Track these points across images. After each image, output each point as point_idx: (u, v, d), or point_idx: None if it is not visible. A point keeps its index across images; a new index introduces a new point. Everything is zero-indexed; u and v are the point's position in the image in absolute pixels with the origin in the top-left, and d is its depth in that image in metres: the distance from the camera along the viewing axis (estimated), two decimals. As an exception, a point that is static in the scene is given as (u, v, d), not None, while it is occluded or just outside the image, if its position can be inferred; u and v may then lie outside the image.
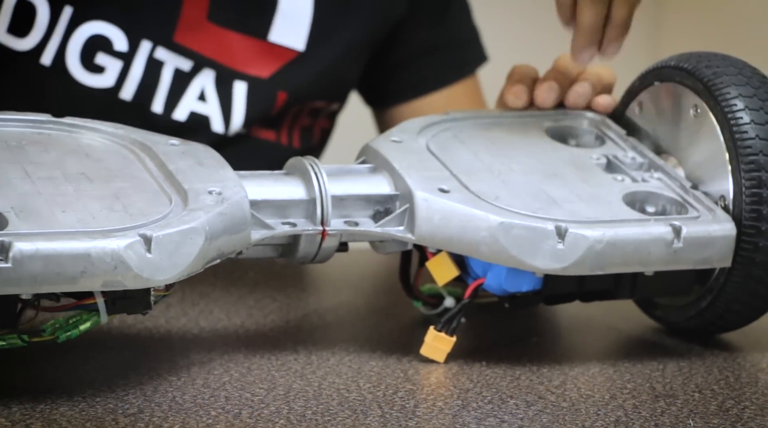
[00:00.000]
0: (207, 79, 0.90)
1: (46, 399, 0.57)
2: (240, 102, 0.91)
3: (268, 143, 0.94)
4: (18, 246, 0.55)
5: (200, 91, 0.90)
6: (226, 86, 0.91)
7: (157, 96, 0.89)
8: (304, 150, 0.97)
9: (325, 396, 0.59)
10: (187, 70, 0.89)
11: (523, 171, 0.67)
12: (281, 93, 0.92)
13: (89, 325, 0.60)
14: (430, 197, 0.63)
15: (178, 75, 0.89)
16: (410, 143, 0.68)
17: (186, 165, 0.63)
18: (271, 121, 0.93)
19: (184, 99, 0.90)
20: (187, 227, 0.59)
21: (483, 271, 0.65)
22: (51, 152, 0.63)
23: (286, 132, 0.94)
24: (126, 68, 0.88)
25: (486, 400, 0.59)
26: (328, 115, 0.98)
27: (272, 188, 0.64)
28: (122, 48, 0.88)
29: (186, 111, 0.90)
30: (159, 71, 0.89)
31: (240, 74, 0.91)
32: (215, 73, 0.90)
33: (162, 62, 0.88)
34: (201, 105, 0.91)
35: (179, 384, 0.60)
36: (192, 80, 0.90)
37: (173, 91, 0.90)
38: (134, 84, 0.88)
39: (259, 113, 0.92)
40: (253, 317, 0.72)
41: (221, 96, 0.91)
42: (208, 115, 0.90)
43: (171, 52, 0.89)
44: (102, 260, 0.56)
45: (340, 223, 0.64)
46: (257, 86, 0.91)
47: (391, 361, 0.64)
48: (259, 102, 0.92)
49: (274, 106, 0.92)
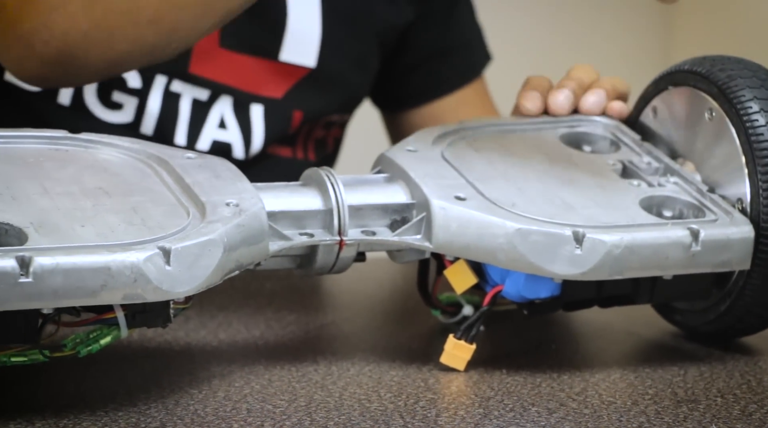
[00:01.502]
0: (225, 105, 0.92)
1: (69, 414, 0.58)
2: (258, 125, 0.92)
3: (285, 159, 0.95)
4: (38, 261, 0.56)
5: (220, 118, 0.92)
6: (243, 111, 0.92)
7: (179, 128, 0.91)
8: (319, 161, 0.98)
9: (347, 406, 0.60)
10: (205, 100, 0.91)
11: (538, 178, 0.68)
12: (296, 112, 0.93)
13: (110, 339, 0.61)
14: (447, 205, 0.64)
15: (196, 105, 0.91)
16: (425, 152, 0.69)
17: (203, 178, 0.64)
18: (287, 138, 0.95)
19: (205, 128, 0.91)
20: (205, 239, 0.60)
21: (501, 278, 0.66)
22: (68, 167, 0.64)
23: (302, 147, 0.96)
24: (142, 104, 0.90)
25: (507, 408, 0.60)
26: (340, 125, 0.99)
27: (289, 199, 0.65)
28: (136, 85, 0.90)
29: (208, 140, 0.91)
30: (177, 104, 0.90)
31: (255, 97, 0.92)
32: (232, 98, 0.91)
33: (179, 94, 0.90)
34: (222, 133, 0.92)
35: (200, 397, 0.61)
36: (211, 109, 0.91)
37: (194, 121, 0.91)
38: (153, 119, 0.90)
39: (277, 134, 0.93)
40: (272, 328, 0.73)
41: (240, 121, 0.92)
42: (230, 142, 0.92)
43: (187, 84, 0.90)
44: (122, 273, 0.57)
45: (357, 233, 0.65)
46: (273, 107, 0.93)
47: (412, 370, 0.65)
48: (276, 123, 0.93)
49: (290, 125, 0.93)
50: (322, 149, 0.98)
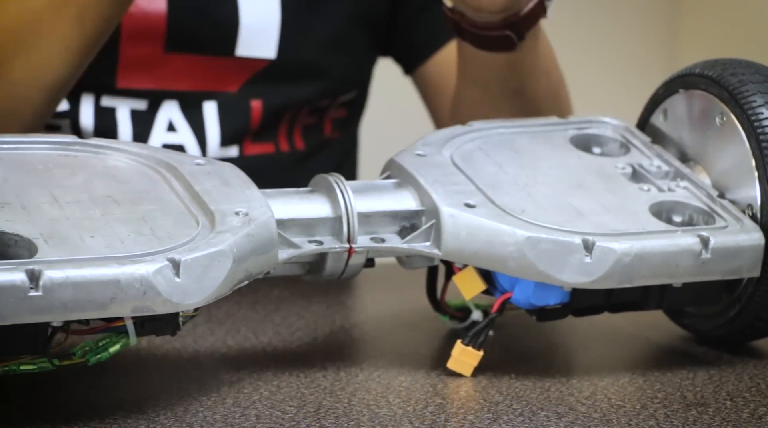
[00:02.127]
0: (171, 109, 0.91)
1: (78, 422, 0.59)
2: (213, 122, 0.92)
3: (267, 156, 0.94)
4: (48, 274, 0.57)
5: (168, 122, 0.92)
6: (194, 111, 0.92)
7: (122, 139, 0.90)
8: (311, 149, 0.96)
9: (356, 412, 0.61)
10: (144, 109, 0.91)
11: (548, 182, 0.69)
12: (254, 102, 0.92)
13: (119, 347, 0.62)
14: (456, 213, 0.65)
15: (136, 115, 0.91)
16: (435, 157, 0.69)
17: (212, 185, 0.65)
18: (264, 133, 0.94)
19: (152, 134, 0.91)
20: (214, 250, 0.61)
21: (510, 285, 0.66)
22: (78, 174, 0.65)
23: (285, 138, 0.95)
24: (75, 124, 0.91)
25: (516, 413, 0.61)
26: (338, 106, 0.98)
27: (298, 206, 0.66)
28: (63, 108, 0.91)
29: (157, 145, 0.90)
30: (113, 117, 0.91)
31: (208, 94, 0.92)
32: (178, 102, 0.91)
33: (113, 108, 0.90)
34: (172, 136, 0.92)
35: (209, 403, 0.62)
36: (156, 115, 0.91)
37: (137, 130, 0.91)
38: (90, 135, 0.90)
39: (236, 128, 0.93)
40: (280, 335, 0.74)
41: (191, 121, 0.92)
42: (181, 143, 0.92)
43: (117, 98, 0.90)
44: (131, 286, 0.58)
45: (366, 240, 0.66)
46: (228, 102, 0.92)
47: (420, 376, 0.66)
48: (232, 116, 0.92)
49: (250, 116, 0.93)
50: (314, 136, 0.96)
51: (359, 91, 0.99)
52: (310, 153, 0.97)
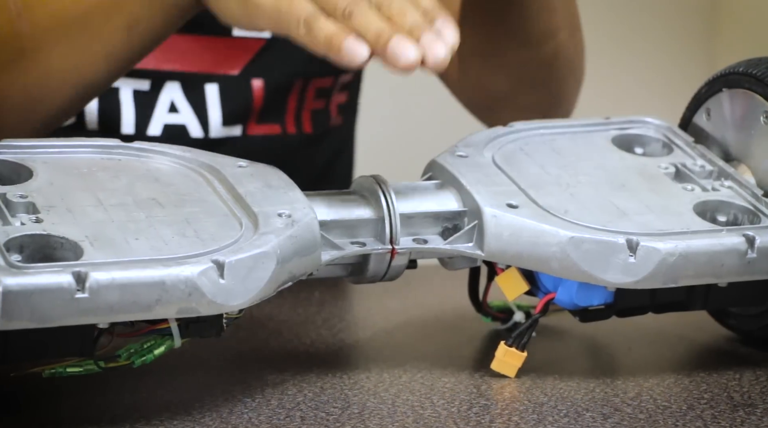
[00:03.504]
0: (173, 90, 0.93)
1: (125, 424, 0.61)
2: (214, 103, 0.93)
3: (273, 137, 0.95)
4: (94, 276, 0.59)
5: (170, 103, 0.93)
6: (197, 92, 0.93)
7: (124, 119, 0.93)
8: (319, 133, 0.98)
9: (400, 413, 0.63)
10: (147, 90, 0.93)
11: (591, 183, 0.70)
12: (256, 81, 0.94)
13: (163, 349, 0.64)
14: (499, 213, 0.67)
15: (139, 95, 0.93)
16: (476, 158, 0.71)
17: (255, 188, 0.66)
18: (270, 113, 0.95)
19: (154, 115, 0.93)
20: (259, 251, 0.62)
21: (553, 285, 0.68)
22: (121, 177, 0.67)
23: (293, 120, 0.96)
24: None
25: (562, 414, 0.62)
26: (340, 88, 0.99)
27: (340, 208, 0.68)
28: None
29: (159, 125, 0.93)
30: (117, 97, 0.93)
31: (209, 76, 0.94)
32: (180, 83, 0.93)
33: (116, 89, 0.92)
34: (174, 116, 0.94)
35: (254, 405, 0.63)
36: (158, 96, 0.93)
37: (140, 110, 0.93)
38: (94, 115, 0.92)
39: (238, 108, 0.94)
40: (322, 336, 0.75)
41: (193, 103, 0.94)
42: (183, 123, 0.93)
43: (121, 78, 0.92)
44: (176, 288, 0.60)
45: (408, 241, 0.67)
46: (229, 84, 0.94)
47: (464, 377, 0.68)
48: (234, 98, 0.94)
49: (251, 97, 0.94)
50: (321, 120, 0.98)
51: (356, 73, 1.00)
52: (317, 137, 0.99)
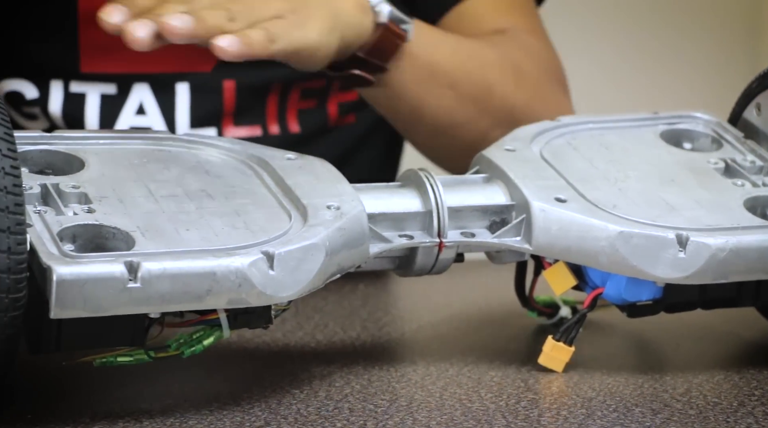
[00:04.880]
0: (142, 92, 0.94)
1: (175, 413, 0.63)
2: (183, 104, 0.95)
3: (253, 139, 0.94)
4: (146, 266, 0.60)
5: (138, 105, 0.95)
6: (166, 92, 0.95)
7: (89, 123, 0.94)
8: (312, 132, 0.97)
9: (448, 406, 0.64)
10: (114, 93, 0.94)
11: (639, 178, 0.71)
12: (227, 82, 0.95)
13: (212, 340, 0.65)
14: (547, 207, 0.68)
15: (106, 99, 0.94)
16: (524, 152, 0.72)
17: (303, 180, 0.68)
18: (247, 114, 0.96)
19: (121, 117, 0.95)
20: (308, 243, 0.64)
21: (602, 280, 0.69)
22: (172, 169, 0.68)
23: (275, 121, 0.97)
24: (45, 110, 0.95)
25: (611, 409, 0.64)
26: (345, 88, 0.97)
27: (388, 200, 0.69)
28: (33, 95, 0.95)
29: (124, 127, 0.94)
30: (82, 101, 0.94)
31: (180, 75, 0.95)
32: (149, 84, 0.94)
33: (82, 94, 0.94)
34: (140, 119, 0.95)
35: (302, 396, 0.65)
36: (127, 98, 0.94)
37: (105, 113, 0.95)
38: (59, 121, 0.94)
39: (209, 109, 0.95)
40: (368, 329, 0.77)
41: (162, 104, 0.95)
42: (149, 125, 0.95)
43: (86, 83, 0.94)
44: (227, 279, 0.62)
45: (456, 234, 0.69)
46: (200, 82, 0.95)
47: (511, 371, 0.69)
48: (205, 98, 0.95)
49: (222, 97, 0.95)
50: (313, 119, 0.97)
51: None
52: (309, 137, 0.99)
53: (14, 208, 0.58)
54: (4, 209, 0.58)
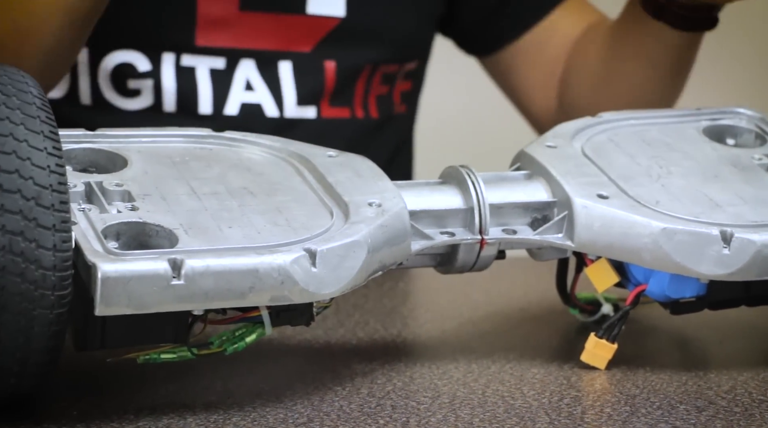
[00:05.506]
0: (248, 68, 0.96)
1: (218, 409, 0.63)
2: (288, 81, 0.97)
3: (343, 120, 0.99)
4: (189, 264, 0.61)
5: (245, 81, 0.97)
6: (270, 69, 0.97)
7: (201, 99, 0.96)
8: (384, 119, 1.01)
9: (491, 403, 0.64)
10: (223, 68, 0.95)
11: (682, 174, 0.71)
12: (328, 62, 0.97)
13: (255, 337, 0.66)
14: (590, 204, 0.68)
15: (215, 74, 0.96)
16: (565, 148, 0.72)
17: (345, 177, 0.69)
18: (340, 96, 0.98)
19: (231, 93, 0.97)
20: (350, 240, 0.64)
21: (645, 277, 0.69)
22: (214, 167, 0.69)
23: (360, 104, 0.99)
24: (158, 84, 0.96)
25: (655, 406, 0.64)
26: (404, 76, 1.02)
27: (430, 197, 0.70)
28: (146, 68, 0.96)
29: (236, 104, 0.97)
30: (193, 76, 0.96)
31: (282, 54, 0.97)
32: (254, 60, 0.96)
33: (193, 68, 0.95)
34: (250, 94, 0.97)
35: (344, 393, 0.66)
36: (233, 74, 0.96)
37: (217, 89, 0.97)
38: (172, 96, 0.96)
39: (312, 88, 0.98)
40: (408, 327, 0.77)
41: (268, 80, 0.97)
42: (258, 102, 0.97)
43: (197, 56, 0.95)
44: (269, 276, 0.62)
45: (498, 231, 0.69)
46: (302, 62, 0.97)
47: (553, 368, 0.69)
48: (307, 77, 0.97)
49: (324, 77, 0.97)
50: (386, 106, 1.01)
51: (420, 63, 1.03)
52: (382, 123, 1.02)
53: (60, 206, 0.59)
54: (49, 207, 0.59)
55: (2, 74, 0.61)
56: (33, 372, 0.60)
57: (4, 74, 0.61)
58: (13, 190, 0.58)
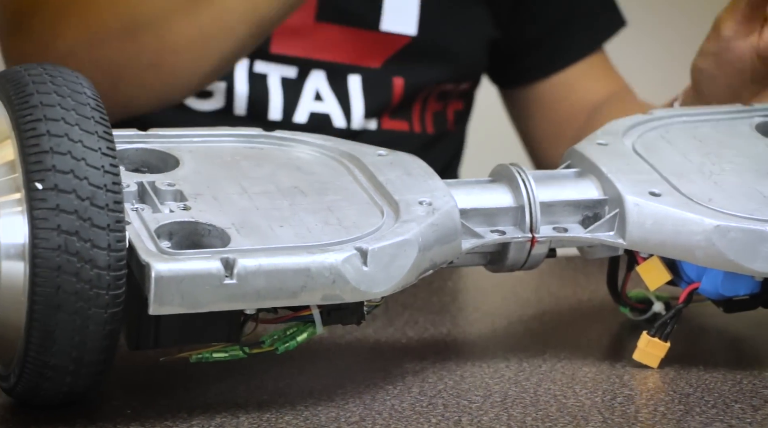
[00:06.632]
0: (318, 79, 0.98)
1: (270, 408, 0.64)
2: (357, 94, 0.99)
3: (402, 133, 1.00)
4: (242, 263, 0.62)
5: (315, 91, 0.99)
6: (340, 82, 0.99)
7: (272, 106, 0.98)
8: (438, 135, 1.04)
9: (543, 402, 0.65)
10: (294, 77, 0.97)
11: (735, 171, 0.72)
12: (397, 79, 0.99)
13: (306, 336, 0.67)
14: (641, 201, 0.68)
15: (286, 82, 0.98)
16: (616, 146, 0.73)
17: (395, 176, 0.69)
18: (400, 111, 1.01)
19: (301, 102, 0.98)
20: (401, 239, 0.65)
21: (697, 275, 0.69)
22: (264, 166, 0.70)
23: (418, 119, 1.01)
24: (230, 88, 0.97)
25: (709, 405, 0.64)
26: (458, 96, 1.04)
27: (480, 196, 0.70)
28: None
29: (305, 113, 0.98)
30: (265, 83, 0.98)
31: (352, 67, 0.99)
32: (325, 72, 0.97)
33: (265, 75, 0.97)
34: (319, 104, 0.99)
35: (396, 392, 0.66)
36: (304, 84, 0.98)
37: (287, 97, 0.99)
38: (243, 101, 0.97)
39: (379, 103, 1.00)
40: (458, 326, 0.78)
41: (337, 92, 0.99)
42: (327, 113, 0.99)
43: (271, 63, 0.97)
44: (321, 275, 0.63)
45: (548, 229, 0.70)
46: (371, 76, 0.99)
47: (605, 367, 0.70)
48: (376, 91, 1.00)
49: (392, 93, 0.99)
50: (441, 122, 1.04)
51: (472, 84, 1.06)
52: (436, 139, 1.03)
53: (114, 206, 0.60)
54: (103, 207, 0.60)
55: (57, 75, 0.62)
56: (88, 371, 0.61)
57: (59, 75, 0.62)
58: (68, 190, 0.59)
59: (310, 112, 0.98)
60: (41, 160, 0.60)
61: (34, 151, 0.60)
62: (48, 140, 0.60)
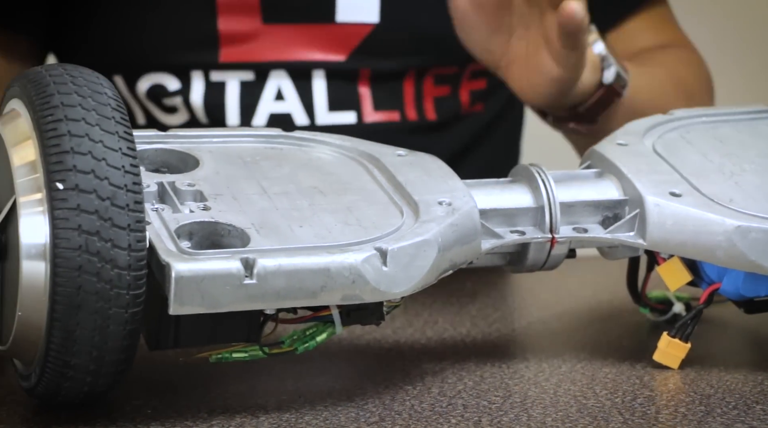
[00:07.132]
0: (280, 79, 0.97)
1: (290, 408, 0.65)
2: (320, 90, 0.97)
3: (391, 124, 0.99)
4: (261, 263, 0.62)
5: (276, 91, 0.98)
6: (303, 79, 0.98)
7: (229, 111, 0.98)
8: (444, 120, 1.00)
9: (563, 403, 0.65)
10: (252, 80, 0.96)
11: (756, 171, 0.72)
12: (363, 70, 0.97)
13: (325, 336, 0.67)
14: (662, 202, 0.68)
15: (245, 86, 0.98)
16: (636, 146, 0.73)
17: (414, 176, 0.70)
18: (386, 100, 0.99)
19: (261, 104, 0.98)
20: (420, 239, 0.65)
21: (718, 276, 0.69)
22: (284, 166, 0.70)
23: (413, 106, 0.99)
24: (187, 101, 0.98)
25: (730, 406, 0.64)
26: (474, 75, 1.01)
27: (500, 196, 0.70)
28: (176, 87, 0.99)
29: (264, 115, 0.98)
30: (222, 90, 0.98)
31: (316, 63, 0.97)
32: (286, 71, 0.96)
33: (222, 82, 0.97)
34: (280, 104, 0.99)
35: (415, 392, 0.67)
36: (264, 86, 0.98)
37: (246, 100, 0.98)
38: (201, 110, 0.97)
39: (345, 95, 0.98)
40: (477, 326, 0.78)
41: (300, 90, 0.98)
42: (288, 112, 0.98)
43: (225, 71, 0.97)
44: (341, 275, 0.63)
45: (568, 230, 0.70)
46: (337, 70, 0.97)
47: (625, 368, 0.70)
48: (341, 84, 0.98)
49: (357, 84, 0.98)
50: (447, 107, 1.01)
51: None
52: (443, 124, 1.02)
53: (134, 206, 0.61)
54: (124, 207, 0.60)
55: (78, 76, 0.63)
56: (108, 370, 0.61)
57: (80, 76, 0.63)
58: (89, 190, 0.60)
59: (270, 113, 0.98)
60: (62, 160, 0.60)
61: (55, 151, 0.60)
62: (69, 140, 0.60)
